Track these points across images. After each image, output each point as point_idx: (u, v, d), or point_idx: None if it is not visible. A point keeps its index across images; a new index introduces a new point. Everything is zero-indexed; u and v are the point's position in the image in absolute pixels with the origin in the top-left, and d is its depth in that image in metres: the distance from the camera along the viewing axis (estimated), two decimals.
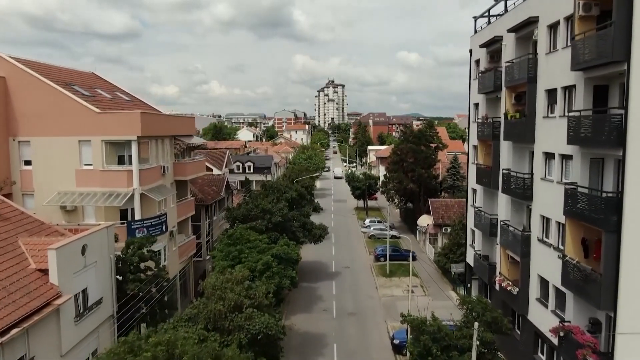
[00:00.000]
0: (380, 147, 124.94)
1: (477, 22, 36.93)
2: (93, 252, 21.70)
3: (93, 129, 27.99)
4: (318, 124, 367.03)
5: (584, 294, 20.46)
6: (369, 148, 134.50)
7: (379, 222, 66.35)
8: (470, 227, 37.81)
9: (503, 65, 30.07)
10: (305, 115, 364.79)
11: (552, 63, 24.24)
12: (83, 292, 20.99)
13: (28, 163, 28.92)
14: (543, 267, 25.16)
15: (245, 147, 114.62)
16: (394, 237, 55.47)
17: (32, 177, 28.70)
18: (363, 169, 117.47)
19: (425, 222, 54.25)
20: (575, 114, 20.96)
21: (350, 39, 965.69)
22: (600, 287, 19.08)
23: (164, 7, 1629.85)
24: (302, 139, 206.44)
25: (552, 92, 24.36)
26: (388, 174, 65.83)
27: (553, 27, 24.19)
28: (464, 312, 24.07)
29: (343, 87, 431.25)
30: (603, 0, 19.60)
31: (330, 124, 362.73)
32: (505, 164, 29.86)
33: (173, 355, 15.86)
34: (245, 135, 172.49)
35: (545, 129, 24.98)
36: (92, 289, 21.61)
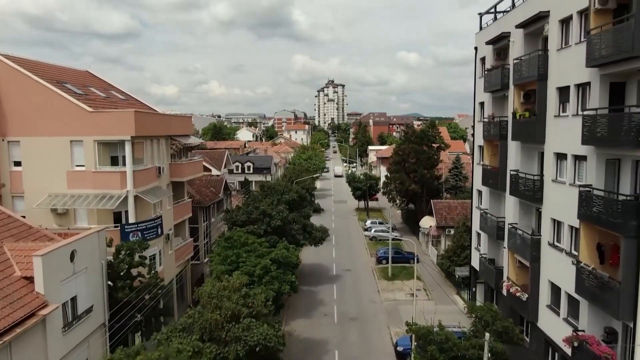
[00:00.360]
0: (381, 147, 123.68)
1: (482, 18, 35.88)
2: (83, 257, 20.66)
3: (85, 129, 26.94)
4: (318, 124, 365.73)
5: (600, 303, 19.44)
6: (370, 148, 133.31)
7: (380, 223, 65.26)
8: (476, 229, 36.77)
9: (511, 63, 29.01)
10: (305, 115, 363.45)
11: (564, 59, 23.19)
12: (72, 300, 19.97)
13: (18, 164, 27.84)
14: (554, 272, 24.12)
15: (245, 147, 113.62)
16: (396, 238, 54.41)
17: (21, 178, 27.61)
18: (364, 169, 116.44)
19: (428, 223, 53.19)
20: (591, 113, 19.90)
21: (350, 39, 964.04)
22: (619, 295, 18.09)
23: (164, 7, 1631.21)
24: (302, 139, 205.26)
25: (564, 89, 23.31)
26: (389, 175, 64.75)
27: (565, 21, 23.14)
28: (473, 320, 23.00)
29: (343, 87, 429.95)
30: None
31: (330, 124, 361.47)
32: (513, 165, 28.80)
33: None
34: (245, 135, 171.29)
35: (557, 129, 23.94)
36: (81, 297, 20.58)
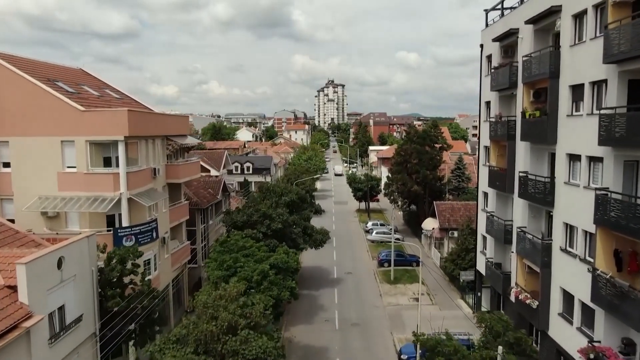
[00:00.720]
0: (382, 147, 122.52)
1: (488, 15, 34.78)
2: (72, 264, 19.59)
3: (76, 129, 25.81)
4: (318, 124, 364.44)
5: (618, 312, 18.37)
6: (370, 148, 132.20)
7: (382, 225, 64.16)
8: (481, 232, 35.66)
9: (519, 60, 27.91)
10: (305, 115, 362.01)
11: (577, 56, 22.10)
12: (59, 309, 18.90)
13: (7, 165, 26.66)
14: (567, 279, 23.03)
15: (245, 147, 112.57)
16: (398, 240, 53.32)
17: (10, 180, 26.45)
18: (364, 170, 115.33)
19: (431, 225, 52.05)
20: (608, 112, 18.82)
21: (350, 39, 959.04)
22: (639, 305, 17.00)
23: (163, 7, 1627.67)
24: (301, 139, 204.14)
25: (577, 87, 22.22)
26: (391, 175, 63.63)
27: (579, 16, 22.06)
28: (483, 330, 21.91)
29: (343, 87, 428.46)
30: None
31: (330, 124, 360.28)
32: (522, 166, 27.71)
33: None
34: (245, 135, 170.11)
35: (570, 129, 22.86)
36: (70, 306, 19.50)
